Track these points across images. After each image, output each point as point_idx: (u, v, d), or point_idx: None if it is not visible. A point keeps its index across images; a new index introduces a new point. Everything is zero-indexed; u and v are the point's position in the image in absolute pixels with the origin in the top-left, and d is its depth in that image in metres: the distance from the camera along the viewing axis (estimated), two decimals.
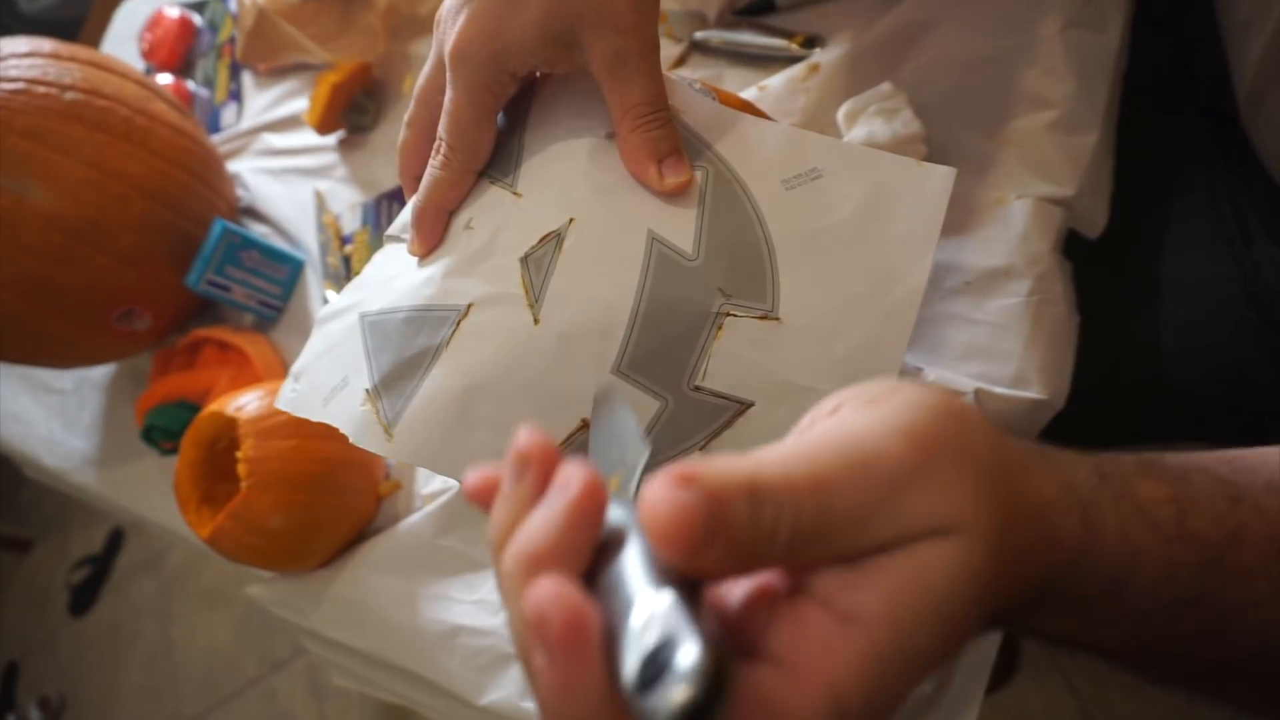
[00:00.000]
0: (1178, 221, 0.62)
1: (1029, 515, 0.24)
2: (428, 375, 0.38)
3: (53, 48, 0.74)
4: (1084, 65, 0.54)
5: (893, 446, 0.21)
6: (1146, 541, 0.25)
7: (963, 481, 0.22)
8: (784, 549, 0.20)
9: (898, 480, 0.21)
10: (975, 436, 0.23)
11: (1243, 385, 0.61)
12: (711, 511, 0.19)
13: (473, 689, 0.58)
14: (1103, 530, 0.25)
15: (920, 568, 0.21)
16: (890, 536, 0.21)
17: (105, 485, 0.84)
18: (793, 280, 0.38)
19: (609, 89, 0.38)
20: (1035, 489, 0.24)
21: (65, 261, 0.69)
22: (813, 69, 0.60)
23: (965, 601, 0.21)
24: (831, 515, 0.20)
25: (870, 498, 0.21)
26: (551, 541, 0.21)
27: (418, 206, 0.40)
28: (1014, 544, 0.23)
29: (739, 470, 0.20)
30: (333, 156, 0.84)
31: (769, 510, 0.20)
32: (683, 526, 0.19)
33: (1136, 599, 0.25)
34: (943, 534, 0.21)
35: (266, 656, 1.67)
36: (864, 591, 0.21)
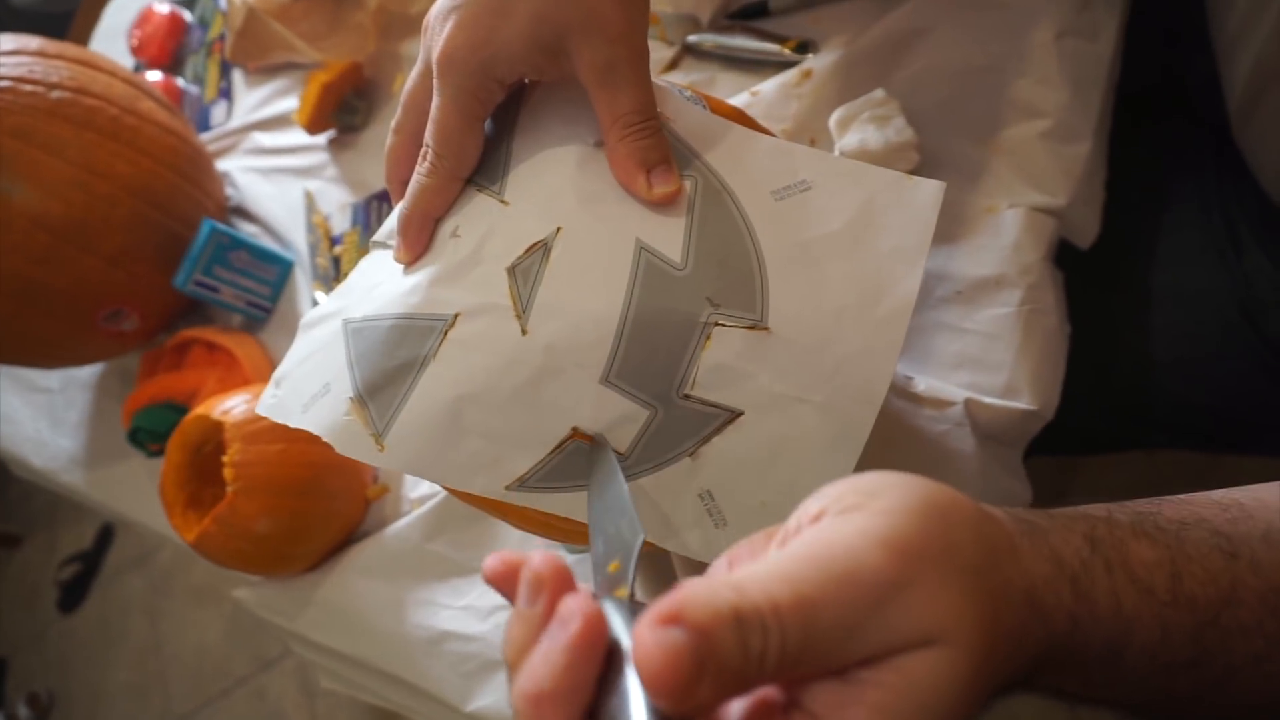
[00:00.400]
0: (1168, 232, 0.62)
1: (1019, 601, 0.24)
2: (416, 385, 0.37)
3: (39, 45, 0.73)
4: (1077, 74, 0.54)
5: (873, 559, 0.22)
6: (1139, 608, 0.25)
7: (947, 586, 0.22)
8: (774, 670, 0.20)
9: (880, 593, 0.21)
10: (960, 532, 0.24)
11: (1232, 396, 0.61)
12: (700, 648, 0.20)
13: (459, 695, 0.58)
14: (1095, 599, 0.25)
15: (908, 681, 0.21)
16: (876, 650, 0.21)
17: (92, 486, 0.84)
18: (782, 291, 0.37)
19: (597, 98, 0.37)
20: (1024, 571, 0.25)
21: (51, 262, 0.68)
22: (805, 74, 0.60)
23: (955, 705, 0.21)
24: (817, 633, 0.21)
25: (854, 613, 0.21)
26: (554, 681, 0.21)
27: (404, 214, 0.40)
28: (1004, 634, 0.23)
29: (723, 598, 0.21)
30: (323, 156, 0.83)
31: (756, 636, 0.20)
32: (673, 672, 0.19)
33: (1132, 663, 0.25)
34: (928, 644, 0.21)
35: (257, 655, 1.67)
36: (855, 708, 0.21)
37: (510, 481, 0.38)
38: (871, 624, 0.21)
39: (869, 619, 0.21)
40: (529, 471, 0.37)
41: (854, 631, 0.21)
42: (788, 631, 0.20)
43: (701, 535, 0.38)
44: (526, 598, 0.24)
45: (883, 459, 0.50)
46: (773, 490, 0.38)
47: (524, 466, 0.37)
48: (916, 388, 0.51)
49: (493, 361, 0.37)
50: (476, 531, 0.62)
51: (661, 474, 0.38)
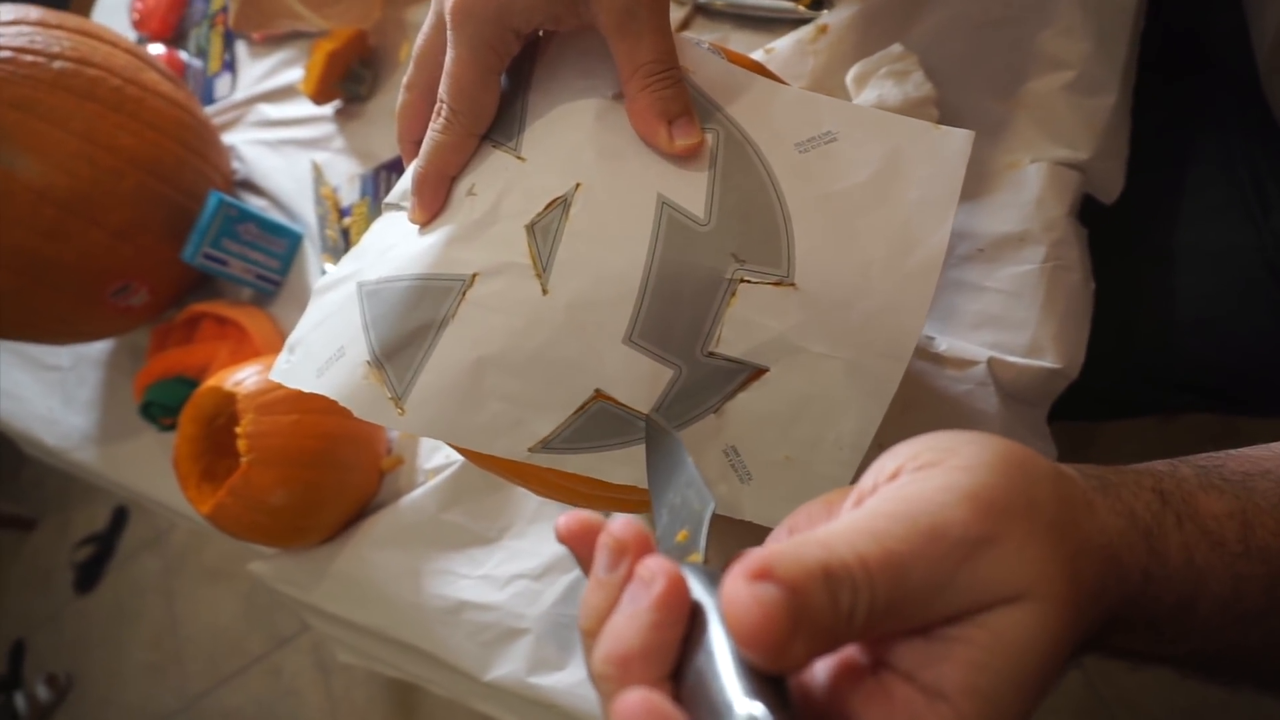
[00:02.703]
0: (1192, 191, 0.60)
1: (1098, 558, 0.24)
2: (435, 347, 0.36)
3: (40, 15, 0.72)
4: (1102, 24, 0.52)
5: (959, 515, 0.22)
6: (1211, 561, 0.25)
7: (1032, 542, 0.22)
8: (862, 627, 0.20)
9: (967, 549, 0.21)
10: (1041, 488, 0.23)
11: (1256, 356, 0.60)
12: (793, 604, 0.19)
13: (478, 664, 0.57)
14: (1167, 555, 0.25)
15: (997, 638, 0.21)
16: (965, 606, 0.21)
17: (105, 463, 0.83)
18: (808, 245, 0.36)
19: (617, 46, 0.36)
20: (1101, 528, 0.24)
21: (57, 236, 0.68)
22: (821, 30, 0.59)
23: (1044, 662, 0.21)
24: (906, 590, 0.21)
25: (942, 569, 0.21)
26: (641, 640, 0.21)
27: (419, 172, 0.39)
28: (1085, 590, 0.23)
29: (811, 555, 0.20)
30: (330, 127, 0.82)
31: (846, 593, 0.20)
32: (768, 627, 0.19)
33: (1205, 616, 0.25)
34: (1016, 600, 0.21)
35: (272, 632, 1.68)
36: (946, 665, 0.21)
37: (534, 444, 0.37)
38: (960, 579, 0.21)
39: (957, 574, 0.21)
40: (552, 433, 0.37)
41: (943, 587, 0.21)
42: (877, 588, 0.20)
43: (726, 490, 0.37)
44: (606, 564, 0.23)
45: (904, 421, 0.50)
46: (797, 446, 0.37)
47: (547, 428, 0.37)
48: (938, 348, 0.50)
49: (513, 322, 0.36)
50: (492, 501, 0.61)
51: (686, 431, 0.37)
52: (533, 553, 0.58)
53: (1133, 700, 1.05)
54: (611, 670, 0.21)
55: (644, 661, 0.21)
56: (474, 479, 0.62)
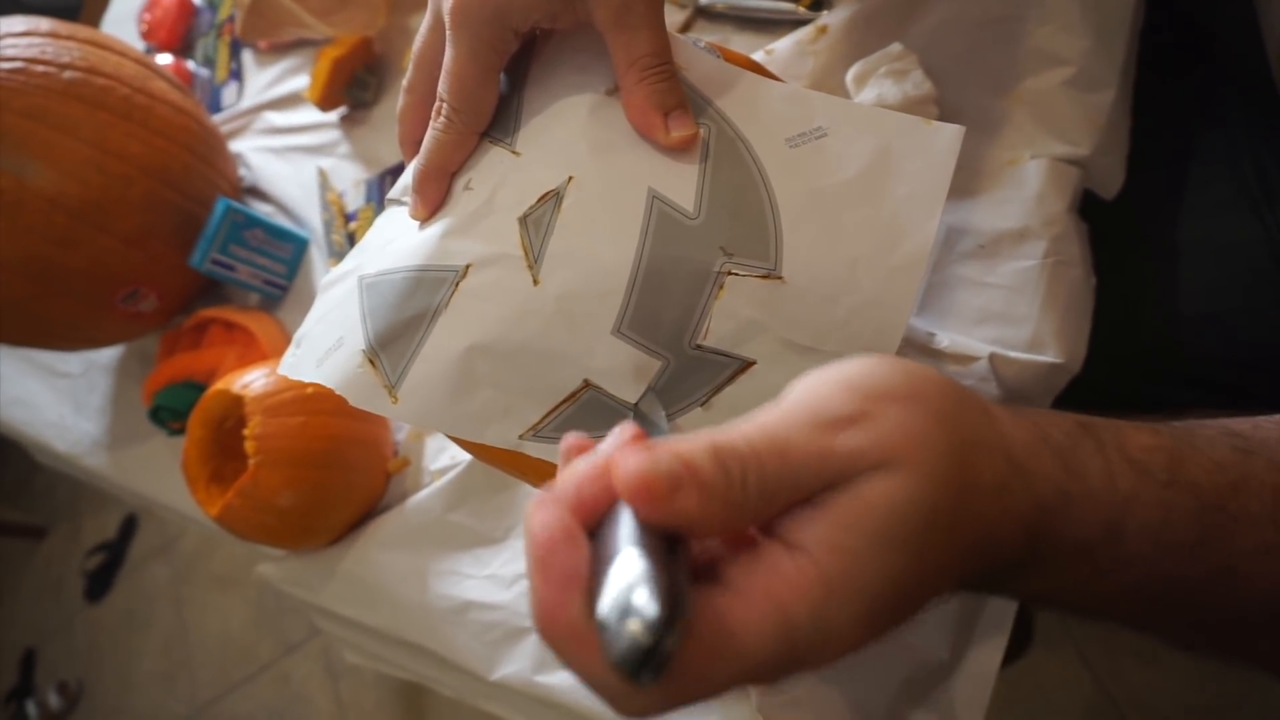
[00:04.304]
0: (1196, 185, 0.60)
1: (994, 455, 0.24)
2: (428, 336, 0.37)
3: (50, 26, 0.73)
4: (1101, 20, 0.53)
5: (837, 394, 0.24)
6: (1136, 487, 0.25)
7: (910, 419, 0.23)
8: (756, 500, 0.22)
9: (844, 423, 0.23)
10: (928, 385, 0.25)
11: (1262, 349, 0.60)
12: (674, 465, 0.21)
13: (484, 664, 0.58)
14: (1086, 475, 0.25)
15: (863, 499, 0.22)
16: (841, 472, 0.23)
17: (115, 468, 0.84)
18: (797, 239, 0.37)
19: (613, 40, 0.37)
20: (1001, 433, 0.25)
21: (68, 243, 0.69)
22: (821, 31, 0.59)
23: (912, 530, 0.22)
24: (791, 464, 0.22)
25: (822, 441, 0.23)
26: (573, 482, 0.23)
27: (419, 169, 0.39)
28: (978, 482, 0.24)
29: (700, 438, 0.23)
30: (335, 133, 0.83)
31: (735, 464, 0.22)
32: (647, 478, 0.21)
33: (1135, 545, 0.25)
34: (887, 465, 0.23)
35: (281, 639, 1.68)
36: (813, 523, 0.22)
37: (523, 431, 0.37)
38: (838, 449, 0.23)
39: (834, 444, 0.23)
40: (541, 420, 0.37)
41: (824, 457, 0.23)
42: (765, 464, 0.22)
43: None
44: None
45: None
46: None
47: (536, 416, 0.37)
48: (939, 344, 0.50)
49: (504, 312, 0.37)
50: (498, 501, 0.62)
51: (673, 423, 0.37)
52: None
53: (1143, 699, 1.04)
54: (537, 500, 0.23)
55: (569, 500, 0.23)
56: (479, 480, 0.62)
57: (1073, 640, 1.11)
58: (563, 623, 0.21)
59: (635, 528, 0.21)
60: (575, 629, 0.21)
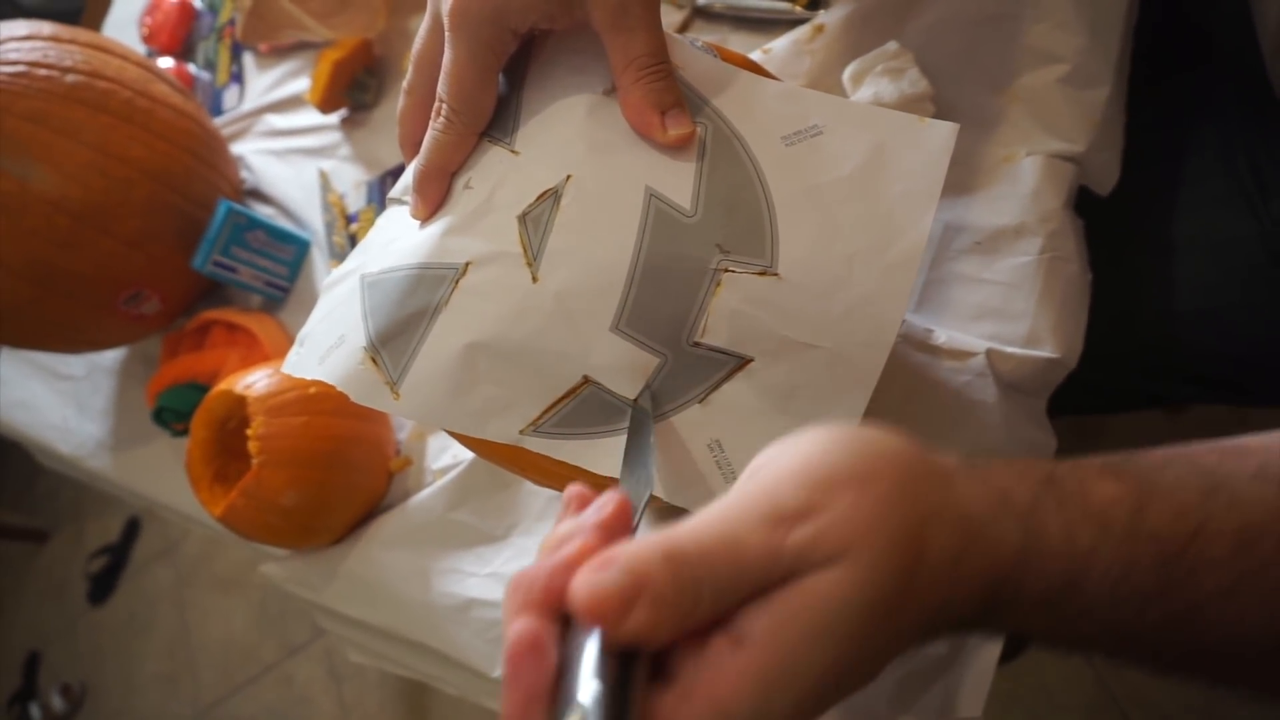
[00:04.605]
0: (1192, 181, 0.61)
1: (951, 527, 0.25)
2: (428, 334, 0.37)
3: (52, 31, 0.73)
4: (1095, 17, 0.53)
5: (790, 487, 0.24)
6: (1096, 543, 0.26)
7: (856, 510, 0.24)
8: (709, 605, 0.23)
9: (795, 519, 0.24)
10: (880, 464, 0.25)
11: (1259, 345, 0.60)
12: (626, 582, 0.22)
13: (486, 662, 0.58)
14: (1045, 535, 0.26)
15: (808, 594, 0.23)
16: (794, 569, 0.23)
17: (119, 469, 0.84)
18: (792, 236, 0.37)
19: (611, 41, 0.37)
20: (958, 501, 0.26)
21: (71, 245, 0.69)
22: (817, 30, 0.60)
23: (852, 621, 0.23)
24: (743, 565, 0.23)
25: (774, 540, 0.23)
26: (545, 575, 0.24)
27: (419, 169, 0.40)
28: (934, 556, 0.24)
29: (652, 544, 0.23)
30: (336, 135, 0.83)
31: (687, 572, 0.22)
32: (599, 601, 0.22)
33: (1094, 595, 0.26)
34: (837, 560, 0.23)
35: (284, 641, 1.69)
36: (758, 617, 0.23)
37: (524, 426, 0.38)
38: (788, 547, 0.23)
39: (786, 542, 0.23)
40: (541, 416, 0.38)
41: (777, 556, 0.23)
42: (717, 566, 0.23)
43: (708, 492, 0.38)
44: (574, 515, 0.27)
45: (904, 412, 0.50)
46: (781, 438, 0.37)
47: (535, 412, 0.38)
48: (937, 340, 0.51)
49: (503, 309, 0.37)
50: (499, 500, 0.62)
51: (672, 420, 0.38)
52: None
53: (1144, 697, 1.04)
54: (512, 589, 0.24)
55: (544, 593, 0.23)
56: (481, 478, 0.62)
57: None
58: None
59: (595, 641, 0.22)
60: None
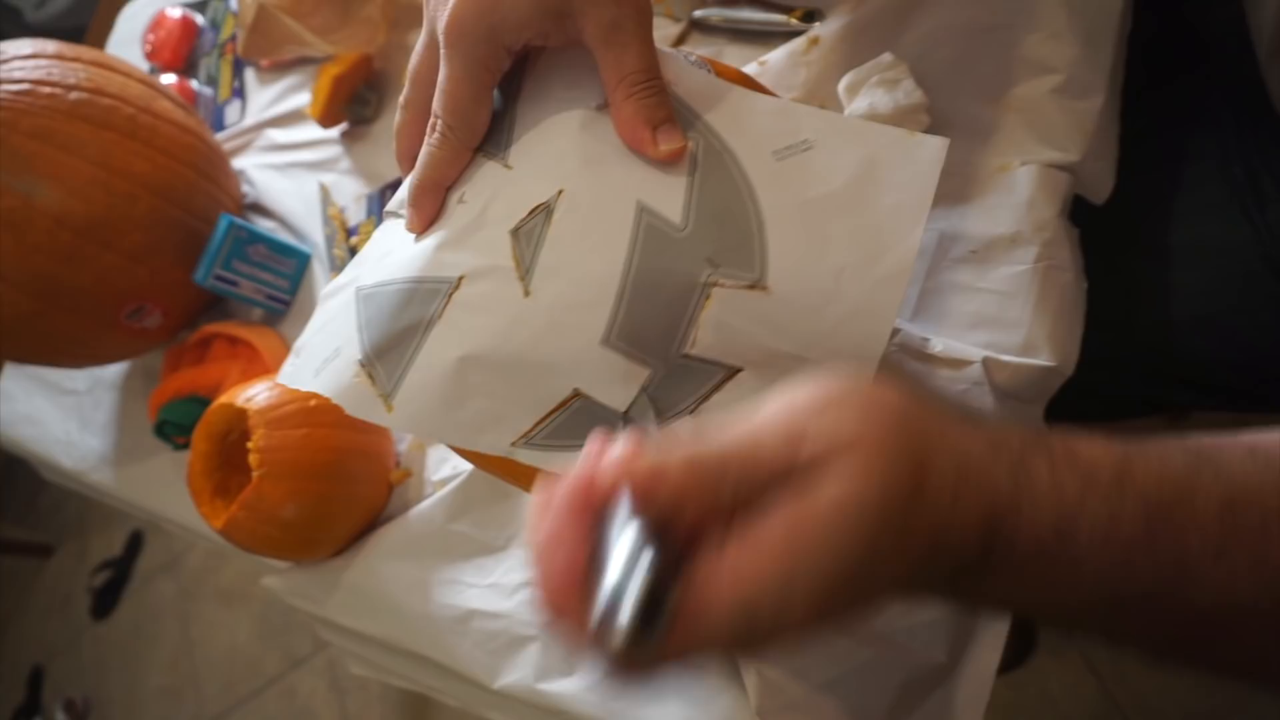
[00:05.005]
0: (1188, 188, 0.61)
1: (947, 463, 0.26)
2: (421, 347, 0.38)
3: (56, 49, 0.74)
4: (1088, 27, 0.54)
5: (802, 415, 0.26)
6: (1082, 493, 0.27)
7: (866, 428, 0.26)
8: (730, 493, 0.25)
9: (806, 435, 0.26)
10: (885, 397, 0.27)
11: (1256, 351, 0.61)
12: (659, 460, 0.25)
13: (487, 672, 0.58)
14: (1034, 483, 0.27)
15: (821, 497, 0.25)
16: (804, 475, 0.25)
17: (121, 483, 0.85)
18: (782, 250, 0.37)
19: (603, 57, 0.38)
20: (954, 441, 0.27)
21: (74, 260, 0.70)
22: (813, 42, 0.60)
23: (865, 524, 0.24)
24: (761, 467, 0.25)
25: (789, 450, 0.25)
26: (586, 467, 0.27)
27: (415, 183, 0.40)
28: (930, 486, 0.26)
29: (682, 441, 0.26)
30: (336, 149, 0.84)
31: (712, 462, 0.25)
32: (632, 471, 0.25)
33: (1086, 542, 0.27)
34: (844, 471, 0.25)
35: (287, 654, 1.69)
36: (775, 521, 0.25)
37: (515, 438, 0.38)
38: (803, 455, 0.25)
39: (800, 451, 0.25)
40: (532, 428, 0.38)
41: (791, 462, 0.25)
42: (737, 463, 0.25)
43: None
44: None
45: None
46: None
47: (527, 424, 0.38)
48: (933, 349, 0.51)
49: (496, 322, 0.37)
50: (499, 510, 0.62)
51: (662, 433, 0.38)
52: None
53: (1149, 705, 1.04)
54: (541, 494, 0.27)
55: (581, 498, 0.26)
56: (481, 490, 0.63)
57: (1078, 646, 1.11)
58: (565, 597, 0.25)
59: (630, 520, 0.25)
60: (573, 603, 0.25)
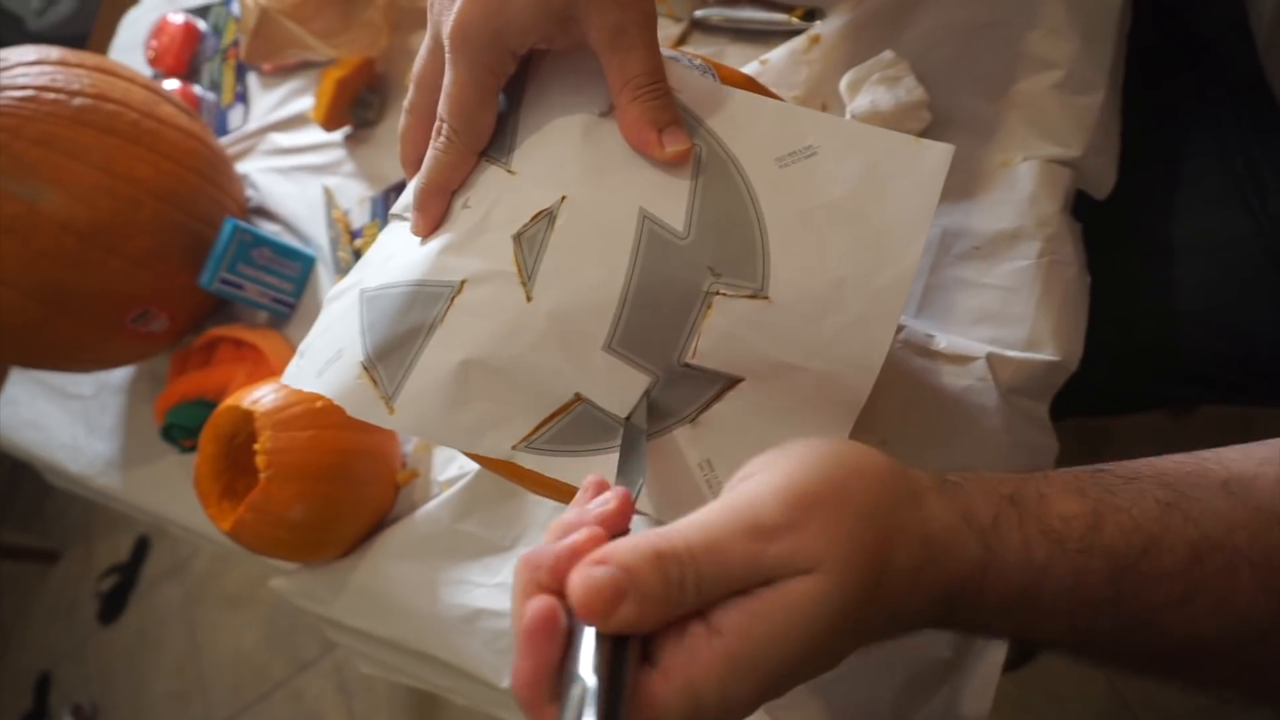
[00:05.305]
0: (1189, 183, 0.61)
1: (914, 541, 0.27)
2: (424, 349, 0.38)
3: (60, 55, 0.74)
4: (1088, 23, 0.54)
5: (771, 506, 0.27)
6: (1051, 557, 0.28)
7: (833, 527, 0.26)
8: (694, 596, 0.25)
9: (776, 532, 0.26)
10: (856, 483, 0.28)
11: (1259, 343, 0.61)
12: (617, 577, 0.25)
13: (495, 672, 0.58)
14: (1004, 550, 0.28)
15: (780, 595, 0.25)
16: (772, 575, 0.26)
17: (129, 487, 0.85)
18: (784, 259, 0.37)
19: (608, 61, 0.38)
20: (924, 519, 0.28)
21: (80, 266, 0.70)
22: (814, 41, 0.60)
23: (822, 622, 0.25)
24: (727, 566, 0.26)
25: (755, 549, 0.26)
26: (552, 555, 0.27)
27: (420, 187, 0.40)
28: (897, 570, 0.27)
29: (645, 543, 0.25)
30: (340, 152, 0.84)
31: (674, 569, 0.25)
32: (592, 597, 0.24)
33: (1050, 602, 0.28)
34: (806, 572, 0.26)
35: (294, 657, 1.69)
36: (733, 611, 0.26)
37: (516, 442, 0.38)
38: (769, 556, 0.26)
39: (766, 552, 0.26)
40: (533, 432, 0.38)
41: (757, 562, 0.26)
42: (701, 565, 0.25)
43: None
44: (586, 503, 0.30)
45: (906, 418, 0.50)
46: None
47: (528, 428, 0.38)
48: (937, 345, 0.51)
49: (497, 327, 0.38)
50: (506, 510, 0.62)
51: (663, 439, 0.38)
52: None
53: (1156, 701, 1.04)
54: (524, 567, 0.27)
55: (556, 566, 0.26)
56: (487, 489, 0.63)
57: None
58: (535, 699, 0.25)
59: (599, 644, 0.25)
60: (542, 704, 0.25)
